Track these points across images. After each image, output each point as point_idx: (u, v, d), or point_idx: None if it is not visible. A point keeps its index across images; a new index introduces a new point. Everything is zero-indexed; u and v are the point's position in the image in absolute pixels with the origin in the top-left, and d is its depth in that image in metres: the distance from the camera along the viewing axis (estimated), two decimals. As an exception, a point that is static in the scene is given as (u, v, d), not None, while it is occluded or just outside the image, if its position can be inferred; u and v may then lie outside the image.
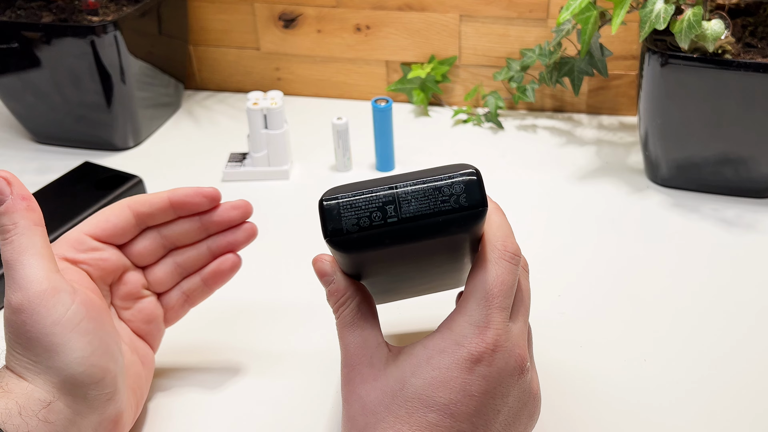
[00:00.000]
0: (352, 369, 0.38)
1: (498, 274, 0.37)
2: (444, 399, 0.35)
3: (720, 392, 0.48)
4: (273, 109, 0.70)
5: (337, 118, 0.71)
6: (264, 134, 0.71)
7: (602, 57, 0.73)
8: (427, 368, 0.36)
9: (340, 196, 0.36)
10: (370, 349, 0.38)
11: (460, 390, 0.35)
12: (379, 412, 0.36)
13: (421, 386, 0.35)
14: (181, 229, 0.46)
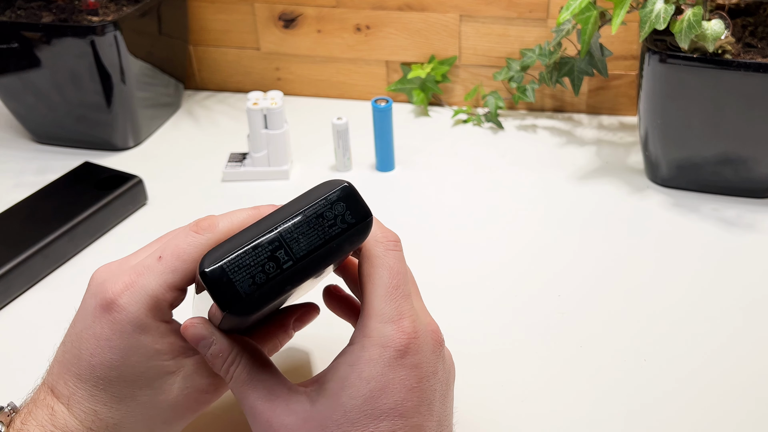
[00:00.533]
0: (270, 427, 0.35)
1: (391, 266, 0.37)
2: (389, 403, 0.35)
3: (720, 392, 0.48)
4: (273, 109, 0.69)
5: (337, 118, 0.71)
6: (264, 134, 0.71)
7: (602, 57, 0.73)
8: (361, 383, 0.35)
9: (223, 259, 0.32)
10: (282, 397, 0.36)
11: (400, 388, 0.35)
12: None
13: (362, 403, 0.34)
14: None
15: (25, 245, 0.59)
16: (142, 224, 0.68)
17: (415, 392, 0.35)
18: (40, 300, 0.59)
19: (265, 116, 0.70)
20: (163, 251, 0.37)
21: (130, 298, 0.36)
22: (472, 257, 0.62)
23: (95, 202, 0.65)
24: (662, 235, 0.63)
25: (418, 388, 0.35)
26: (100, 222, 0.65)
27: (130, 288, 0.36)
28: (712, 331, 0.53)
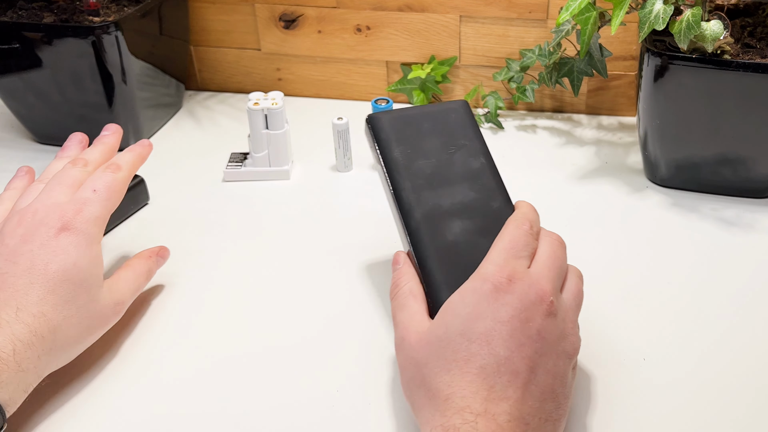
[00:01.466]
0: (403, 340, 0.44)
1: (514, 235, 0.45)
2: (481, 329, 0.40)
3: (719, 391, 0.49)
4: (274, 110, 0.70)
5: (337, 118, 0.71)
6: (265, 134, 0.71)
7: (602, 57, 0.73)
8: (462, 307, 0.42)
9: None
10: (416, 321, 0.44)
11: (491, 318, 0.41)
12: (430, 363, 0.41)
13: (460, 324, 0.41)
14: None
15: None
16: (144, 223, 0.68)
17: (504, 326, 0.40)
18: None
19: (266, 116, 0.70)
20: (94, 185, 0.50)
21: (83, 221, 0.48)
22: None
23: None
24: (661, 235, 0.63)
25: (508, 324, 0.41)
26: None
27: (80, 213, 0.48)
28: (711, 330, 0.54)
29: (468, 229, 0.48)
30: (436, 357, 0.41)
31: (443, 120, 0.53)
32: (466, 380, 0.39)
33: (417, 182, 0.50)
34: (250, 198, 0.71)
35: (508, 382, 0.39)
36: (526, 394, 0.39)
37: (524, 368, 0.40)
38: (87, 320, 0.47)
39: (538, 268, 0.44)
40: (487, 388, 0.39)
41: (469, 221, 0.49)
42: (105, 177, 0.51)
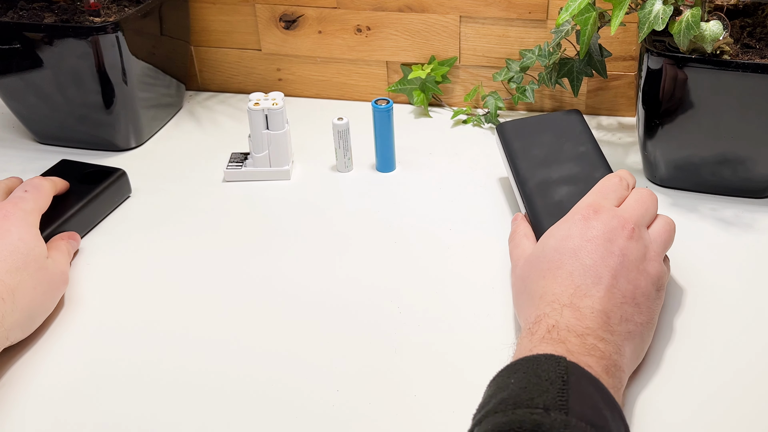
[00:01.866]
0: (514, 267, 0.55)
1: (603, 182, 0.55)
2: (571, 245, 0.50)
3: (718, 391, 0.49)
4: (274, 110, 0.70)
5: (337, 119, 0.71)
6: (265, 135, 0.71)
7: (601, 58, 0.73)
8: (556, 231, 0.52)
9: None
10: (526, 253, 0.54)
11: (579, 237, 0.50)
12: (531, 274, 0.51)
13: (554, 242, 0.51)
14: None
15: None
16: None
17: (591, 243, 0.49)
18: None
19: (267, 116, 0.70)
20: (26, 187, 0.61)
21: (20, 210, 0.57)
22: (472, 256, 0.62)
23: (84, 196, 0.66)
24: (661, 235, 0.63)
25: (593, 241, 0.49)
26: (89, 216, 0.67)
27: (17, 206, 0.58)
28: (710, 330, 0.54)
29: (573, 192, 0.60)
30: (534, 269, 0.51)
31: (556, 121, 0.68)
32: (557, 282, 0.48)
33: (532, 162, 0.64)
34: (250, 198, 0.71)
35: (591, 283, 0.47)
36: (607, 294, 0.47)
37: (607, 275, 0.48)
38: (40, 285, 0.54)
39: (624, 206, 0.53)
40: (574, 287, 0.47)
41: (575, 187, 0.61)
42: (34, 181, 0.62)
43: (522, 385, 0.39)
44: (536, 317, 0.46)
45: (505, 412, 0.37)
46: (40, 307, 0.55)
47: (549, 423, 0.36)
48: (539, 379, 0.39)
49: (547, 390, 0.38)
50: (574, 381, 0.39)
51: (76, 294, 0.59)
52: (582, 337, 0.44)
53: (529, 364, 0.41)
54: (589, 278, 0.47)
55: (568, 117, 0.68)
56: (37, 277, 0.54)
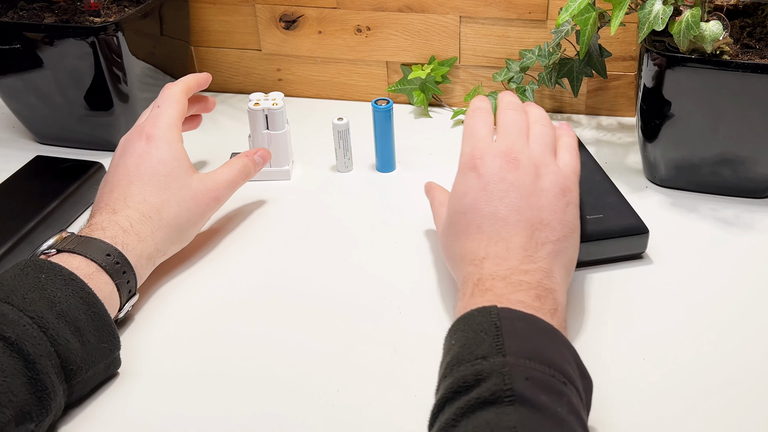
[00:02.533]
0: (438, 238, 0.57)
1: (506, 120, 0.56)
2: (470, 201, 0.52)
3: (718, 391, 0.49)
4: (274, 110, 0.70)
5: (337, 119, 0.71)
6: (266, 135, 0.71)
7: (601, 58, 0.74)
8: (455, 191, 0.54)
9: None
10: (443, 221, 0.56)
11: (475, 189, 0.52)
12: (448, 242, 0.53)
13: (456, 204, 0.53)
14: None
15: (6, 237, 0.61)
16: None
17: (485, 191, 0.51)
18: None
19: (267, 117, 0.70)
20: (157, 103, 0.63)
21: (158, 129, 0.61)
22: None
23: (60, 193, 0.67)
24: (661, 235, 0.63)
25: (487, 189, 0.51)
26: (69, 209, 0.67)
27: (155, 125, 0.61)
28: (710, 330, 0.54)
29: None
30: (449, 235, 0.53)
31: None
32: (470, 239, 0.50)
33: None
34: (250, 199, 0.71)
35: (500, 227, 0.49)
36: (516, 229, 0.49)
37: (509, 213, 0.50)
38: (184, 202, 0.59)
39: (498, 138, 0.54)
40: (486, 239, 0.50)
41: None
42: (164, 93, 0.64)
43: (462, 343, 0.42)
44: (463, 279, 0.49)
45: (451, 373, 0.40)
46: (187, 222, 0.59)
47: (488, 368, 0.38)
48: (475, 333, 0.42)
49: (483, 340, 0.41)
50: (507, 324, 0.41)
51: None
52: (506, 278, 0.46)
53: (465, 322, 0.43)
54: (496, 224, 0.50)
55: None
56: (180, 194, 0.59)
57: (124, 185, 0.58)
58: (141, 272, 0.55)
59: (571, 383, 0.40)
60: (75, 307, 0.47)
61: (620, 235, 0.59)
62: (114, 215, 0.55)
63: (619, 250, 0.60)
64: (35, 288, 0.46)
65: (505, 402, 0.36)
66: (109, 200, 0.57)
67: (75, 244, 0.52)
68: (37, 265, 0.48)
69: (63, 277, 0.48)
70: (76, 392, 0.47)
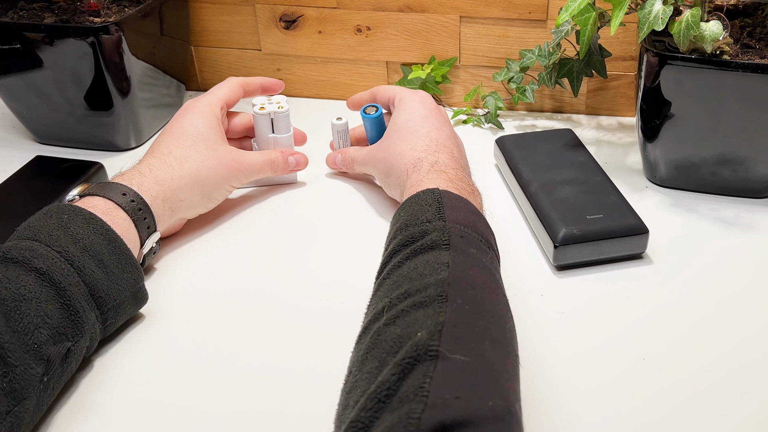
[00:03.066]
0: (375, 165, 0.66)
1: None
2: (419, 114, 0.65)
3: (718, 391, 0.49)
4: (280, 113, 0.69)
5: (336, 118, 0.71)
6: (271, 139, 0.70)
7: (601, 58, 0.74)
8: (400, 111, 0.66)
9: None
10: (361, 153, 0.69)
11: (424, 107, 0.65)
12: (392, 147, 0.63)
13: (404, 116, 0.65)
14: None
15: (7, 237, 0.60)
16: None
17: (432, 111, 0.65)
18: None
19: (272, 120, 0.70)
20: (211, 89, 0.69)
21: (197, 102, 0.66)
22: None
23: (63, 190, 0.67)
24: (660, 235, 0.63)
25: (434, 110, 0.65)
26: None
27: (197, 100, 0.66)
28: (710, 330, 0.54)
29: (576, 190, 0.64)
30: (393, 141, 0.62)
31: (552, 136, 0.73)
32: (420, 137, 0.61)
33: (534, 167, 0.68)
34: (257, 204, 0.70)
35: (446, 138, 0.62)
36: (454, 146, 0.62)
37: (449, 133, 0.64)
38: (208, 160, 0.62)
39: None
40: (435, 142, 0.61)
41: (577, 187, 0.64)
42: (223, 81, 0.69)
43: (409, 213, 0.51)
44: (415, 160, 0.59)
45: (402, 235, 0.48)
46: (209, 179, 0.62)
47: (431, 228, 0.48)
48: (421, 206, 0.50)
49: (428, 211, 0.50)
50: (447, 200, 0.51)
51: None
52: (456, 169, 0.57)
53: (414, 199, 0.52)
54: (443, 134, 0.62)
55: (563, 133, 0.73)
56: (205, 153, 0.62)
57: (156, 142, 0.63)
58: (158, 212, 0.58)
59: (494, 251, 0.50)
60: (97, 243, 0.51)
61: (620, 235, 0.59)
62: (138, 165, 0.60)
63: (619, 250, 0.60)
64: (59, 227, 0.50)
65: (443, 248, 0.46)
66: (141, 162, 0.61)
67: (95, 189, 0.56)
68: (59, 208, 0.52)
69: (84, 216, 0.52)
70: (109, 320, 0.52)
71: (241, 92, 0.69)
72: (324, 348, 0.53)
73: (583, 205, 0.62)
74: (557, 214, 0.61)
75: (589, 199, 0.62)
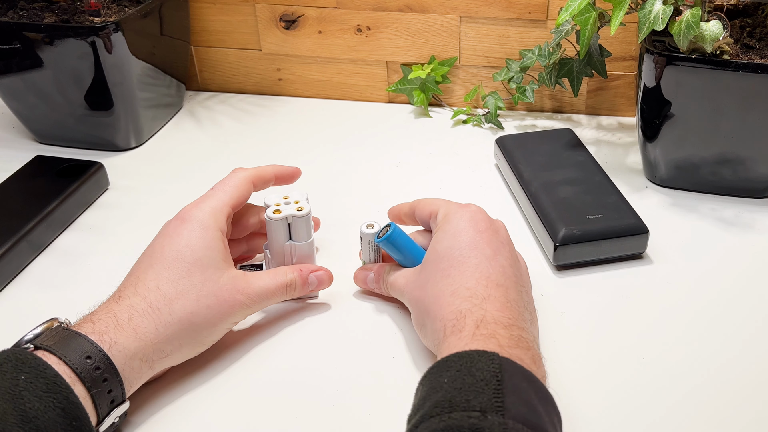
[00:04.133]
0: (409, 293, 0.52)
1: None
2: (466, 239, 0.49)
3: (718, 391, 0.49)
4: (299, 217, 0.55)
5: (366, 226, 0.56)
6: (288, 247, 0.56)
7: (601, 58, 0.74)
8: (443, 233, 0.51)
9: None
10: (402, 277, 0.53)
11: (473, 230, 0.50)
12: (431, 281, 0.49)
13: (448, 242, 0.50)
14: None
15: (7, 236, 0.61)
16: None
17: (484, 234, 0.50)
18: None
19: (290, 225, 0.56)
20: (216, 185, 0.55)
21: (198, 211, 0.52)
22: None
23: (61, 192, 0.67)
24: (661, 235, 0.63)
25: (486, 232, 0.50)
26: (69, 209, 0.67)
27: (196, 207, 0.52)
28: (710, 329, 0.54)
29: (576, 191, 0.63)
30: (434, 273, 0.49)
31: (552, 136, 0.73)
32: (466, 276, 0.47)
33: (534, 167, 0.67)
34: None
35: (500, 273, 0.47)
36: (511, 282, 0.47)
37: (506, 262, 0.49)
38: (205, 298, 0.49)
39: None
40: (486, 279, 0.46)
41: (577, 187, 0.64)
42: (230, 175, 0.56)
43: (456, 385, 0.38)
44: (456, 314, 0.45)
45: (441, 416, 0.37)
46: (204, 323, 0.49)
47: (487, 427, 0.35)
48: (474, 378, 0.38)
49: (483, 390, 0.38)
50: (508, 378, 0.38)
51: (77, 294, 0.59)
52: (509, 328, 0.44)
53: (462, 362, 0.40)
54: (496, 268, 0.47)
55: (563, 133, 0.73)
56: (202, 288, 0.49)
57: (142, 268, 0.50)
58: (132, 376, 0.45)
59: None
60: (53, 423, 0.39)
61: (620, 235, 0.59)
62: (116, 304, 0.47)
63: (619, 250, 0.60)
64: (9, 396, 0.39)
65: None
66: (122, 285, 0.49)
67: (55, 339, 0.43)
68: (17, 363, 0.41)
69: (46, 382, 0.40)
70: None
71: (251, 189, 0.56)
72: None
73: (583, 205, 0.62)
74: (557, 214, 0.61)
75: (589, 199, 0.62)
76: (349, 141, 0.81)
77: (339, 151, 0.79)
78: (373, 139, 0.81)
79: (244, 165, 0.58)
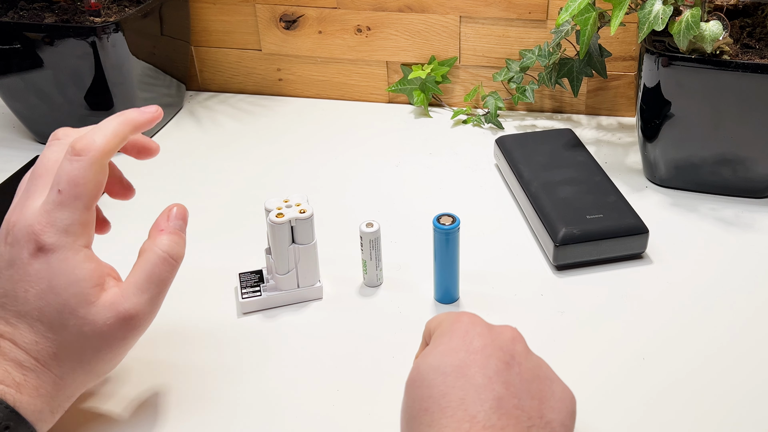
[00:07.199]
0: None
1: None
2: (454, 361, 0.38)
3: (718, 390, 0.49)
4: (302, 219, 0.54)
5: (366, 224, 0.56)
6: (292, 250, 0.55)
7: (601, 58, 0.74)
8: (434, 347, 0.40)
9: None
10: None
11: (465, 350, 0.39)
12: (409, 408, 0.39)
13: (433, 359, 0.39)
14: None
15: None
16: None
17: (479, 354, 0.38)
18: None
19: (293, 228, 0.55)
20: (59, 184, 0.42)
21: (53, 234, 0.41)
22: (471, 254, 0.62)
23: None
24: (661, 235, 0.63)
25: (482, 352, 0.38)
26: None
27: (50, 227, 0.41)
28: (710, 329, 0.54)
29: (577, 191, 0.64)
30: (414, 401, 0.38)
31: (552, 136, 0.73)
32: (446, 416, 0.36)
33: (534, 167, 0.67)
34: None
35: (491, 409, 0.36)
36: (508, 421, 0.36)
37: (504, 391, 0.37)
38: (88, 341, 0.41)
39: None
40: (469, 420, 0.36)
41: (577, 187, 0.64)
42: (68, 169, 0.42)
43: None
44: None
45: None
46: (97, 361, 0.43)
47: None
48: None
49: None
50: None
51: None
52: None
53: None
54: (486, 404, 0.36)
55: (563, 133, 0.73)
56: (80, 335, 0.41)
57: (12, 313, 0.41)
58: (46, 424, 0.41)
59: None
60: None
61: (620, 235, 0.59)
62: (3, 355, 0.41)
63: (619, 250, 0.60)
64: None
65: None
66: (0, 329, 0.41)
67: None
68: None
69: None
70: None
71: (104, 182, 0.45)
72: None
73: (583, 205, 0.62)
74: (557, 214, 0.61)
75: (589, 199, 0.62)
76: (349, 141, 0.81)
77: (339, 151, 0.79)
78: (373, 139, 0.81)
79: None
